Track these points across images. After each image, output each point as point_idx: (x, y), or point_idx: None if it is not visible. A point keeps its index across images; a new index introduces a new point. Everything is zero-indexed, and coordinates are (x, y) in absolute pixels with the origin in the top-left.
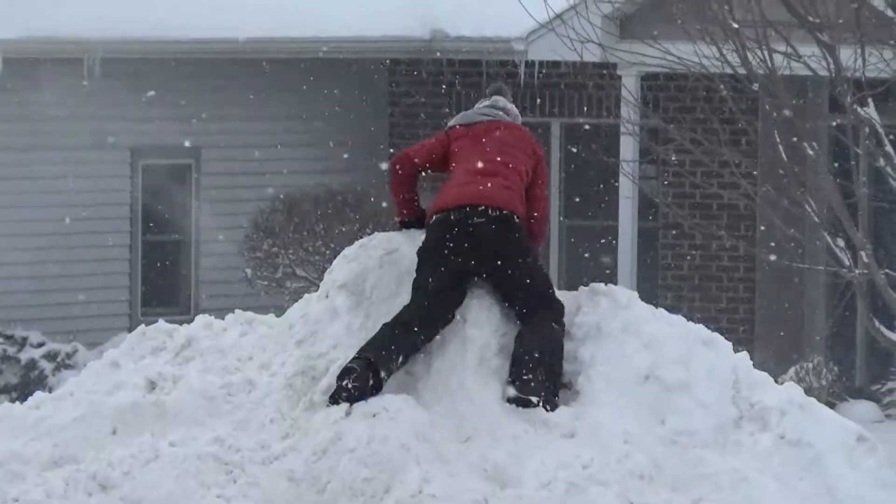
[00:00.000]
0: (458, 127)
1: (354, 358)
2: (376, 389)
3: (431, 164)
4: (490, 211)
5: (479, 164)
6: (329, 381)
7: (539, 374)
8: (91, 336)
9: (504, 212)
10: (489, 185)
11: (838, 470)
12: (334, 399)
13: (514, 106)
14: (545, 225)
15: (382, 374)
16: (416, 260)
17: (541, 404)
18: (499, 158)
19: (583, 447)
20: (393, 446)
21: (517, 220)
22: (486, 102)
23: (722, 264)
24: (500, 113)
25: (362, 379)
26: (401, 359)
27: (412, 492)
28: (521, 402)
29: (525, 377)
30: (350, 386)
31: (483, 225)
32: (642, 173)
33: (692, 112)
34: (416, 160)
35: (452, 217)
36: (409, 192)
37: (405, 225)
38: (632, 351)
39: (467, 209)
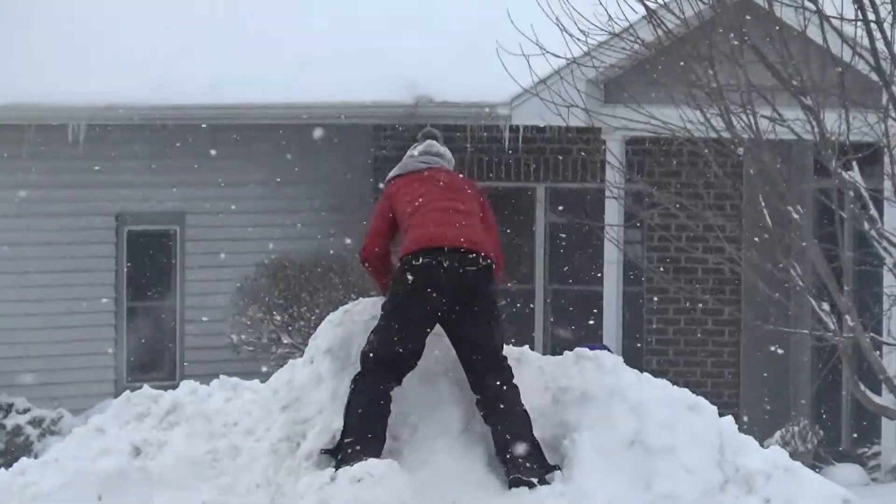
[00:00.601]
0: (397, 178)
1: (357, 452)
2: None
3: (392, 238)
4: (480, 259)
5: (450, 202)
6: (312, 446)
7: (530, 455)
8: (76, 402)
9: (489, 260)
10: (469, 226)
11: None
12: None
13: (447, 150)
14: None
15: None
16: None
17: (539, 483)
18: (461, 198)
19: None
20: None
21: (493, 268)
22: (421, 147)
23: (707, 328)
24: (438, 159)
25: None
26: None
27: None
28: (524, 484)
29: (520, 462)
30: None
31: (473, 273)
32: (627, 238)
33: (677, 176)
34: (378, 249)
35: (445, 263)
36: (387, 273)
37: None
38: (617, 415)
39: (457, 253)
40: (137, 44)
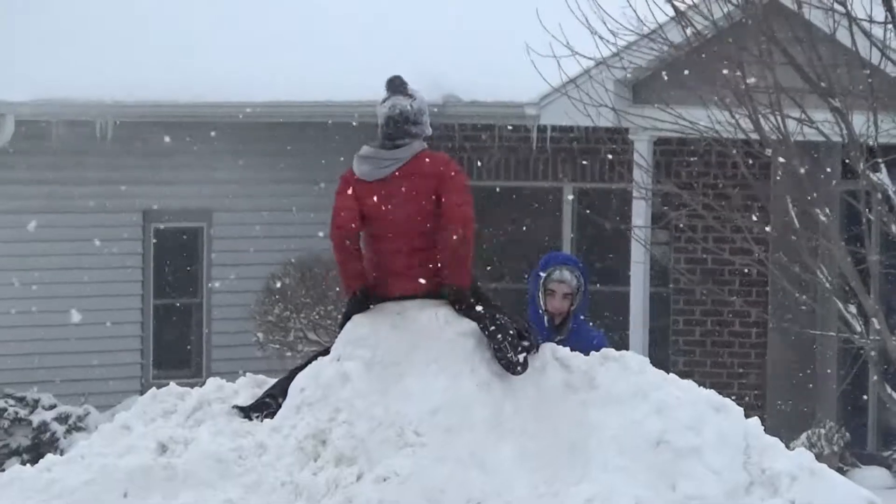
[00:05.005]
0: (360, 181)
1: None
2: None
3: (362, 218)
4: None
5: (400, 261)
6: (337, 444)
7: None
8: (102, 399)
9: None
10: (413, 275)
11: None
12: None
13: (417, 97)
14: (468, 262)
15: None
16: (426, 324)
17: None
18: (408, 231)
19: None
20: None
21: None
22: (387, 105)
23: (733, 330)
24: (405, 139)
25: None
26: None
27: None
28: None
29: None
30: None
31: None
32: (654, 238)
33: (704, 177)
34: (354, 225)
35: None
36: (358, 260)
37: (356, 298)
38: (643, 416)
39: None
40: (167, 40)
